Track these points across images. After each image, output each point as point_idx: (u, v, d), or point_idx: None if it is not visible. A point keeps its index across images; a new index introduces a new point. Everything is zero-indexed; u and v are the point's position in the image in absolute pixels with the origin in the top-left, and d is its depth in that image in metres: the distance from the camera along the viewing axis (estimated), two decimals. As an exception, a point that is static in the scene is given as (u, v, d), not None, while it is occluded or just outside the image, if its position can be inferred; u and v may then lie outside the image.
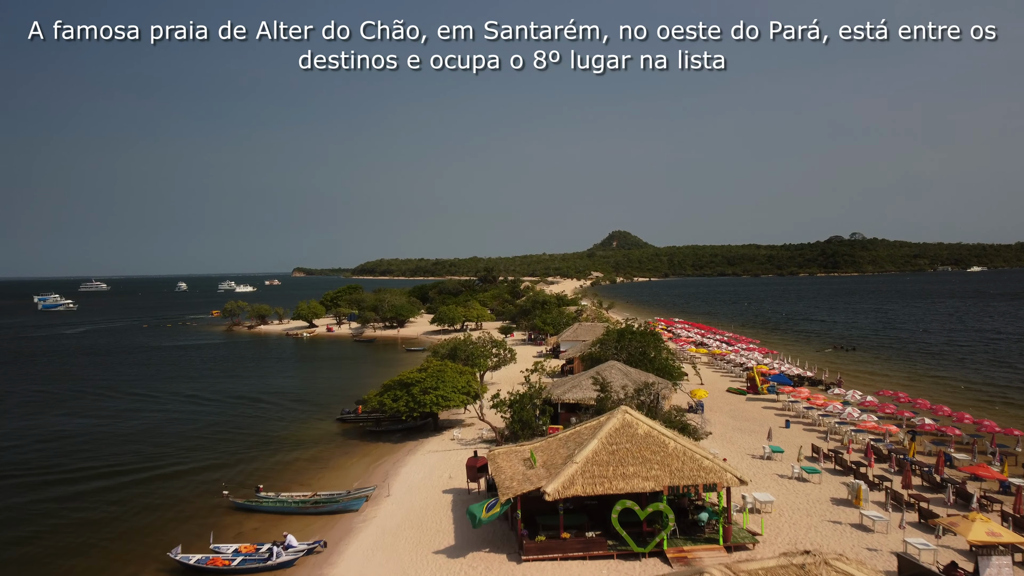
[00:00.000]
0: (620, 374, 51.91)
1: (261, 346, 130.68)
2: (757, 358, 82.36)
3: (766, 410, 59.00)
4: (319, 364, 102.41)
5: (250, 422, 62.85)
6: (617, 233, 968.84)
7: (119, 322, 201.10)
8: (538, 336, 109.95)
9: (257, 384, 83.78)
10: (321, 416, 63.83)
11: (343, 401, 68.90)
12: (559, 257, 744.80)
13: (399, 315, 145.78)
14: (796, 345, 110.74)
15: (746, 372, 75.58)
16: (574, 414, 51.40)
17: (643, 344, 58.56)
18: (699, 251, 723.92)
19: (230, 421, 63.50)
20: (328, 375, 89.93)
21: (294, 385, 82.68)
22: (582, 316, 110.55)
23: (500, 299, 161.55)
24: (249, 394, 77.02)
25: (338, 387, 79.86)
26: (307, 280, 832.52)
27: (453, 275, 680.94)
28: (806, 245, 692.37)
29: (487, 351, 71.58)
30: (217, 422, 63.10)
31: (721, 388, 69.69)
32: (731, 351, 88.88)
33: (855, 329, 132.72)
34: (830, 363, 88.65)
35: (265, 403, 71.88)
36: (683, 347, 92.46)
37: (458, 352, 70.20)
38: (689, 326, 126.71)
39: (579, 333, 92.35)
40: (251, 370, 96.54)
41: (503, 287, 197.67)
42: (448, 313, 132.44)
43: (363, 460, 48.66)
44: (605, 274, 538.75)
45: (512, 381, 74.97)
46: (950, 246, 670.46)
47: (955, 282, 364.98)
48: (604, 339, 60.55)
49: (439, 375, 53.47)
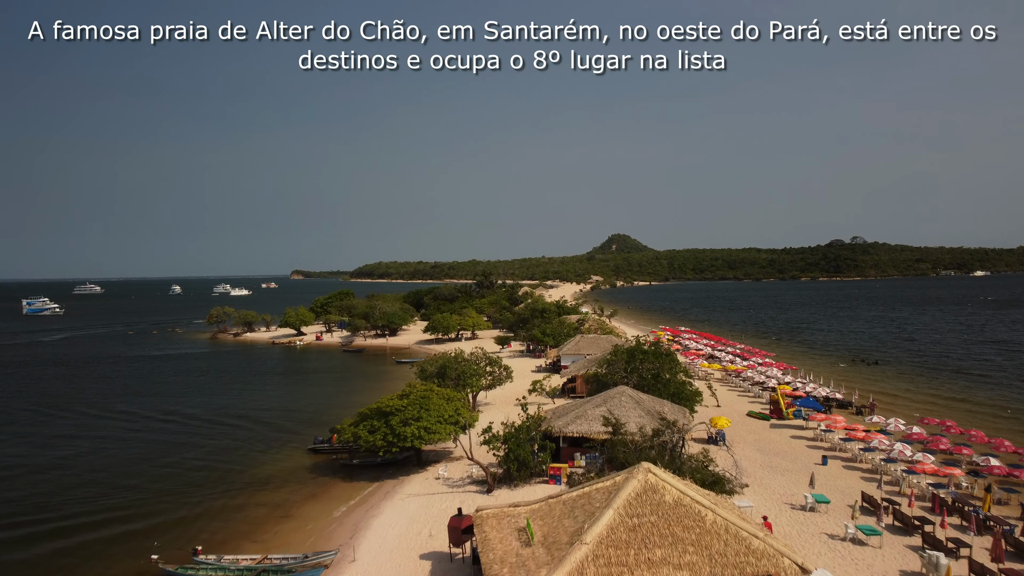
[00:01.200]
0: (632, 403, 44.94)
1: (243, 356, 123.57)
2: (776, 376, 75.39)
3: (795, 440, 52.00)
4: (300, 378, 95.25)
5: (207, 451, 55.57)
6: (616, 236, 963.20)
7: (104, 328, 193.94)
8: (537, 348, 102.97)
9: (227, 402, 76.71)
10: (291, 445, 56.69)
11: (318, 426, 61.84)
12: (558, 260, 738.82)
13: (391, 323, 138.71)
14: (808, 357, 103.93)
15: (767, 393, 68.64)
16: (578, 449, 44.50)
17: (656, 365, 51.50)
18: (699, 255, 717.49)
19: (183, 449, 56.22)
20: (308, 391, 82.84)
21: (268, 404, 75.52)
22: (584, 327, 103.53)
23: (497, 306, 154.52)
24: (215, 415, 69.91)
25: (316, 407, 72.77)
26: (305, 283, 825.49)
27: (451, 278, 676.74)
28: (807, 249, 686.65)
29: (480, 369, 64.56)
30: (168, 451, 55.78)
31: (739, 411, 62.74)
32: (747, 367, 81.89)
33: (867, 340, 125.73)
34: (846, 379, 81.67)
35: (230, 426, 64.71)
36: (693, 361, 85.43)
37: (448, 370, 63.20)
38: (697, 336, 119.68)
39: (581, 347, 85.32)
40: (225, 385, 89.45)
41: (501, 293, 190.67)
42: (442, 322, 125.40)
43: (331, 505, 41.54)
44: (605, 278, 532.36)
45: (508, 401, 68.01)
46: (952, 250, 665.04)
47: (961, 287, 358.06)
48: (612, 360, 53.46)
49: (423, 402, 46.44)
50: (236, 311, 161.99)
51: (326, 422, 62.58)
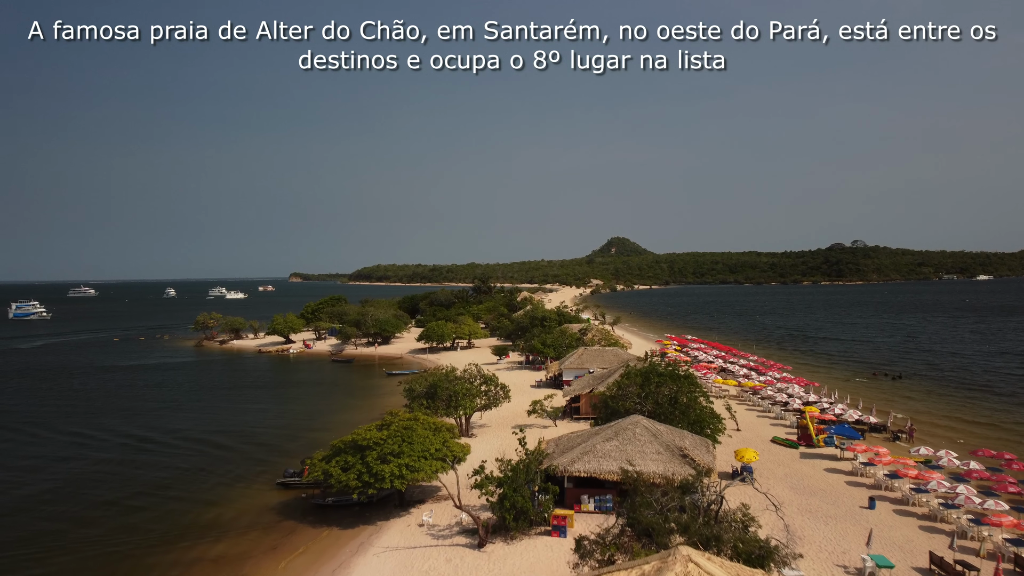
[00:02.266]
0: (648, 437, 38.56)
1: (226, 366, 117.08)
2: (798, 394, 69.01)
3: (832, 474, 45.59)
4: (281, 392, 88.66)
5: (158, 484, 48.91)
6: (616, 239, 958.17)
7: (89, 334, 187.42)
8: (536, 359, 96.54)
9: (196, 421, 70.30)
10: (259, 476, 50.20)
11: (292, 453, 55.42)
12: (557, 263, 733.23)
13: (383, 331, 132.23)
14: (821, 369, 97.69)
15: (791, 415, 62.26)
16: (586, 490, 38.19)
17: (674, 389, 45.06)
18: (699, 258, 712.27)
19: (130, 482, 49.65)
20: (288, 409, 76.32)
21: (241, 423, 68.96)
22: (587, 337, 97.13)
23: (495, 312, 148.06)
24: (179, 437, 63.45)
25: (294, 428, 66.35)
26: (303, 286, 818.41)
27: (450, 281, 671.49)
28: (808, 253, 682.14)
29: (474, 388, 58.16)
30: (110, 483, 49.26)
31: (761, 436, 56.36)
32: (763, 382, 75.46)
33: (881, 350, 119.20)
34: (870, 396, 75.34)
35: (194, 451, 58.24)
36: (705, 376, 79.01)
37: (439, 390, 56.87)
38: (706, 346, 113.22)
39: (585, 360, 78.94)
40: (199, 400, 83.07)
41: (499, 298, 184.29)
42: (436, 330, 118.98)
43: (294, 563, 35.04)
44: (605, 281, 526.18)
45: (505, 423, 61.67)
46: (953, 254, 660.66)
47: (966, 292, 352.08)
48: (623, 383, 46.90)
49: (405, 434, 39.96)
50: (223, 317, 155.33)
51: (301, 448, 56.16)
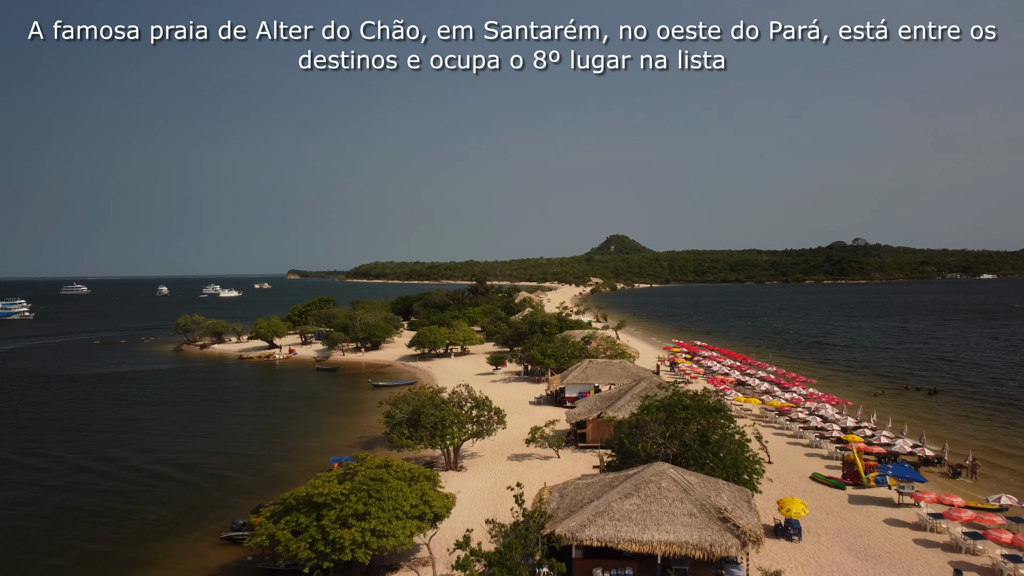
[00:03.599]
0: (678, 492, 30.56)
1: (201, 375, 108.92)
2: (832, 415, 61.04)
3: (895, 528, 37.56)
4: (254, 407, 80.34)
5: (67, 534, 40.68)
6: (615, 237, 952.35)
7: (70, 336, 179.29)
8: (536, 370, 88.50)
9: (146, 445, 62.25)
10: (202, 524, 42.02)
11: (250, 492, 47.38)
12: (556, 261, 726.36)
13: (372, 336, 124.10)
14: (840, 381, 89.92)
15: (830, 442, 54.27)
16: (600, 562, 30.26)
17: (704, 425, 36.91)
18: (700, 256, 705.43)
19: (29, 529, 41.60)
20: (256, 431, 68.00)
21: (197, 449, 60.53)
22: (591, 346, 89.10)
23: (492, 316, 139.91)
24: (121, 466, 55.40)
25: (260, 456, 58.13)
26: (300, 283, 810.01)
27: (448, 279, 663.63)
28: (809, 251, 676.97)
29: (463, 415, 50.08)
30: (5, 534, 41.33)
31: (796, 469, 48.39)
32: (790, 401, 67.45)
33: (901, 360, 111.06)
34: (905, 417, 67.53)
35: (134, 485, 50.04)
36: (724, 392, 70.98)
37: (422, 417, 48.83)
38: (719, 354, 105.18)
39: (589, 374, 70.97)
40: (160, 417, 75.09)
41: (496, 299, 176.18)
42: (429, 336, 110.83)
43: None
44: (604, 280, 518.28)
45: (499, 453, 53.66)
46: (956, 252, 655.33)
47: (973, 292, 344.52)
48: (641, 418, 38.53)
49: (372, 489, 31.88)
50: (205, 320, 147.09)
51: (264, 485, 48.25)
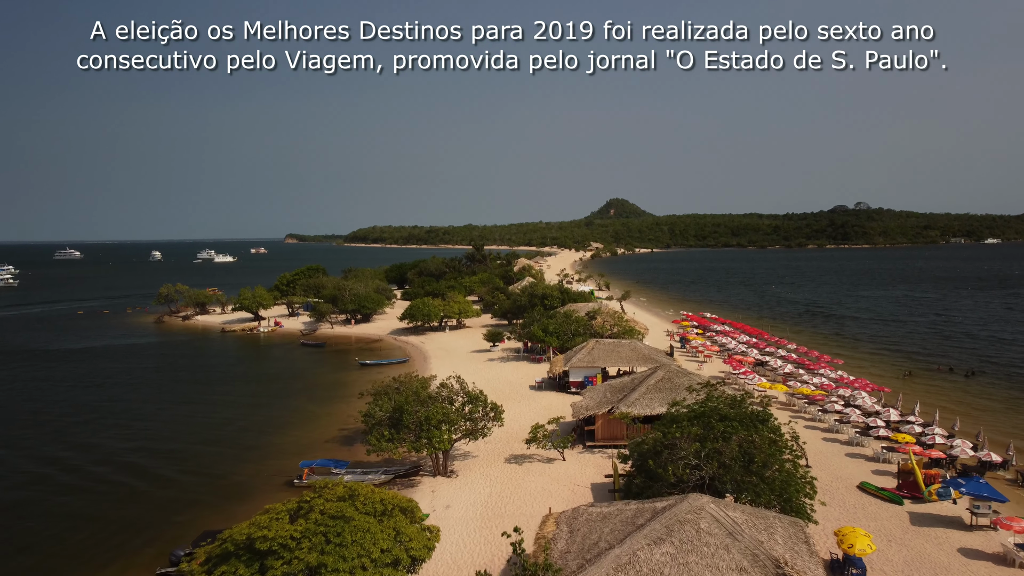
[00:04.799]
0: (722, 537, 23.67)
1: (177, 351, 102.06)
2: (868, 405, 54.24)
3: (974, 561, 30.91)
4: (227, 391, 73.26)
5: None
6: (615, 201, 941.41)
7: (52, 304, 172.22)
8: (536, 348, 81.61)
9: (91, 440, 55.27)
10: (134, 556, 35.23)
11: (203, 505, 40.61)
12: (556, 226, 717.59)
13: (362, 307, 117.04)
14: (862, 360, 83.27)
15: (874, 439, 47.47)
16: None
17: (746, 439, 29.82)
18: (700, 220, 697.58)
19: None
20: (224, 420, 60.94)
21: (150, 449, 53.25)
22: (596, 321, 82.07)
23: (489, 285, 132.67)
24: (53, 468, 48.66)
25: (220, 458, 51.26)
26: (298, 247, 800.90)
27: (447, 243, 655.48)
28: (811, 215, 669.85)
29: (453, 414, 43.12)
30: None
31: (839, 476, 41.68)
32: (821, 388, 60.52)
33: (919, 334, 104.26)
34: (944, 400, 60.84)
35: (56, 498, 43.16)
36: (745, 377, 64.07)
37: (405, 416, 41.93)
38: (732, 328, 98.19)
39: (596, 356, 64.01)
40: (118, 402, 68.38)
41: (494, 267, 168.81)
42: (422, 308, 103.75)
43: None
44: (605, 245, 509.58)
45: (497, 452, 46.87)
46: (959, 217, 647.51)
47: (980, 258, 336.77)
48: (670, 433, 31.23)
49: (332, 529, 25.02)
50: (188, 289, 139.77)
51: (219, 497, 41.45)
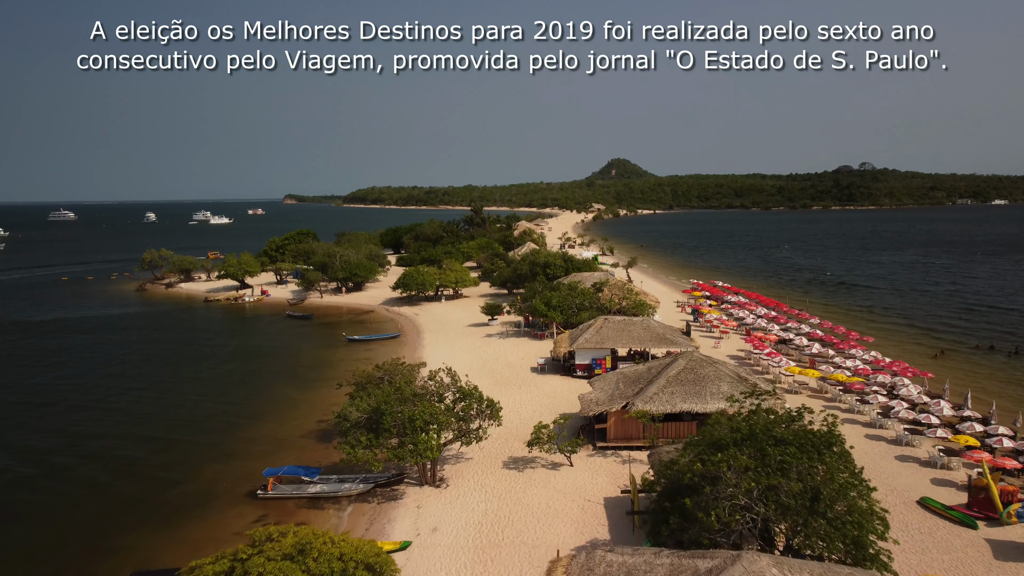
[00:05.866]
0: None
1: (155, 322, 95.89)
2: (913, 395, 48.00)
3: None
4: (198, 371, 67.20)
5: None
6: (616, 161, 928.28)
7: (37, 269, 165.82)
8: (537, 323, 75.27)
9: (33, 432, 49.18)
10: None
11: (137, 531, 34.52)
12: (556, 186, 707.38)
13: (354, 275, 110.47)
14: (883, 333, 77.22)
15: (924, 437, 41.26)
16: None
17: (810, 470, 23.32)
18: (703, 181, 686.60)
19: None
20: (188, 406, 54.89)
21: (101, 442, 47.36)
22: (603, 293, 75.61)
23: (488, 251, 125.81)
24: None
25: (171, 464, 45.11)
26: (296, 208, 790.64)
27: (446, 204, 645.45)
28: (815, 175, 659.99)
29: (442, 416, 36.74)
30: None
31: (895, 487, 35.55)
32: (859, 374, 54.20)
33: (939, 304, 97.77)
34: (993, 383, 54.76)
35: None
36: (770, 360, 57.81)
37: (385, 418, 35.63)
38: (747, 299, 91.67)
39: (605, 336, 57.62)
40: (78, 385, 62.20)
41: (493, 231, 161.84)
42: (416, 277, 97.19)
43: None
44: (607, 206, 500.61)
45: (494, 455, 40.76)
46: (965, 177, 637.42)
47: (988, 220, 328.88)
48: (712, 462, 24.42)
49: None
50: (173, 255, 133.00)
51: (161, 515, 35.35)
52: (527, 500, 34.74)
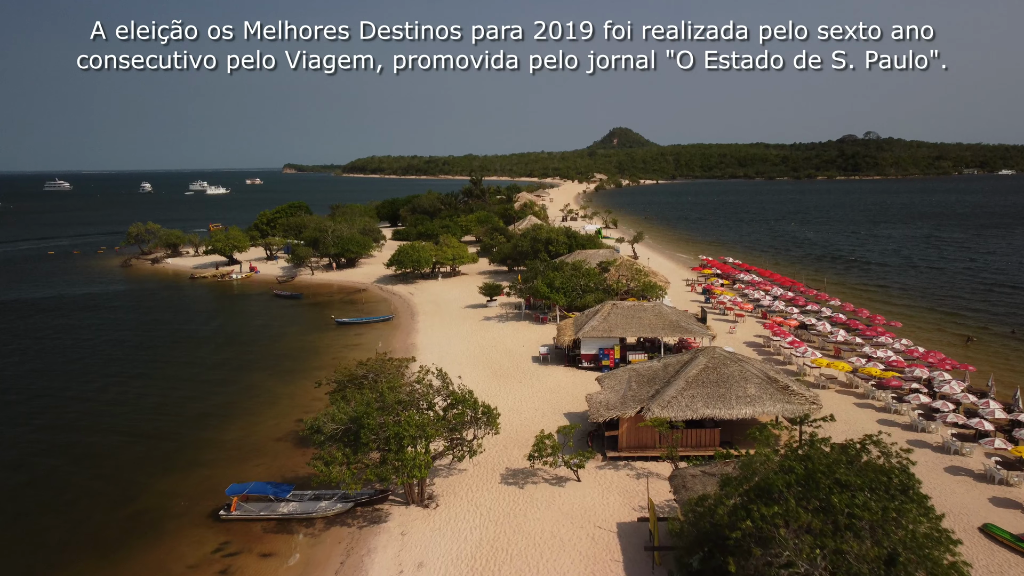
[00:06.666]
0: None
1: (137, 301, 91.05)
2: (958, 394, 43.19)
3: None
4: (173, 358, 62.53)
5: None
6: (618, 130, 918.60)
7: (24, 244, 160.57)
8: (539, 305, 70.41)
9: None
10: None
11: (77, 567, 29.97)
12: (558, 156, 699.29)
13: (346, 251, 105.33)
14: (904, 316, 72.42)
15: (975, 444, 36.53)
16: None
17: (879, 524, 18.65)
18: (706, 150, 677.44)
19: None
20: (158, 402, 50.39)
21: (50, 444, 43.02)
22: (610, 273, 70.62)
23: (487, 226, 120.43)
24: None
25: (138, 466, 40.47)
26: (295, 178, 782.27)
27: (446, 174, 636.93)
28: (819, 145, 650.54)
29: (430, 428, 31.89)
30: None
31: (951, 508, 30.83)
32: (894, 366, 49.38)
33: (957, 283, 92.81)
34: (990, 366, 49.93)
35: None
36: (793, 347, 53.00)
37: (363, 432, 30.80)
38: (760, 278, 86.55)
39: (614, 324, 52.79)
40: (40, 373, 57.61)
41: (493, 204, 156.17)
42: (411, 255, 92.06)
43: None
44: (609, 176, 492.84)
45: (490, 469, 36.09)
46: (971, 147, 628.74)
47: (997, 191, 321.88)
48: (756, 512, 19.86)
49: None
50: (160, 229, 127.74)
51: (104, 547, 30.76)
52: (528, 526, 30.13)
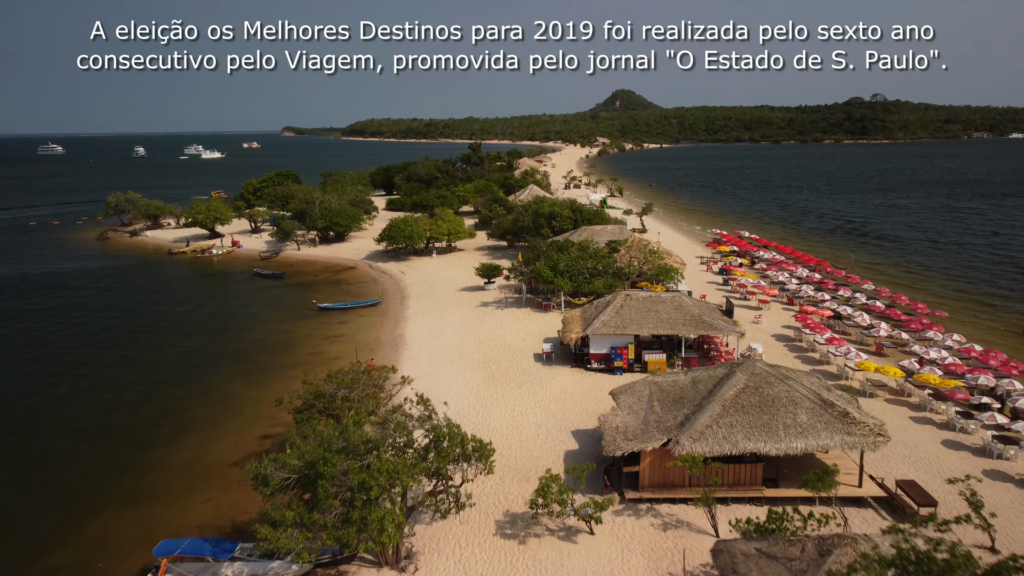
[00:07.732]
0: None
1: (106, 280, 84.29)
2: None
3: None
4: (133, 351, 56.15)
5: None
6: (621, 92, 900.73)
7: (4, 213, 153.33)
8: (542, 290, 63.71)
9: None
10: None
11: None
12: (559, 119, 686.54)
13: (335, 225, 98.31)
14: (945, 305, 65.94)
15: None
16: None
17: None
18: (710, 113, 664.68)
19: None
20: (108, 404, 44.09)
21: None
22: (620, 254, 63.82)
23: (486, 195, 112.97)
24: None
25: (53, 506, 34.20)
26: (293, 141, 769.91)
27: (446, 137, 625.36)
28: (826, 107, 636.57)
29: (405, 477, 25.28)
30: None
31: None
32: (945, 372, 42.80)
33: (986, 263, 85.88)
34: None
35: None
36: (832, 345, 46.39)
37: (322, 489, 24.14)
38: (782, 257, 79.62)
39: (627, 319, 46.19)
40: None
41: (493, 172, 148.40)
42: (403, 230, 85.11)
43: None
44: (612, 140, 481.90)
45: (483, 519, 29.59)
46: (980, 109, 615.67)
47: (1010, 156, 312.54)
48: None
49: None
50: (140, 199, 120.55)
51: None
52: (530, 603, 23.83)
